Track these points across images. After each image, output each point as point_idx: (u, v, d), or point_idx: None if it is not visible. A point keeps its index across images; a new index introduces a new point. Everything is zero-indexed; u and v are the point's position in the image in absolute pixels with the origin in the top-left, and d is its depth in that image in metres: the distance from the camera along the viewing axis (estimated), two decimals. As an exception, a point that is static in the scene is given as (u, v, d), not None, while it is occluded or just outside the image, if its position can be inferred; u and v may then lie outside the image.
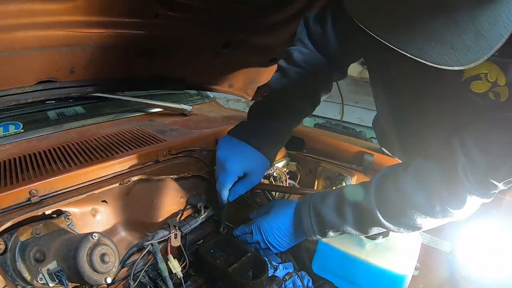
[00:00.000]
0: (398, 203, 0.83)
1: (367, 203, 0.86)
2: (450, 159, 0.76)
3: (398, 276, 0.96)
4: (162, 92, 1.86)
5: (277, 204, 1.08)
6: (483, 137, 0.71)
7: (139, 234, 1.01)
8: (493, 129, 0.70)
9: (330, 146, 1.46)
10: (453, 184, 0.76)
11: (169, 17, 1.18)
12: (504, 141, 0.69)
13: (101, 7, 1.01)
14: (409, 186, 0.81)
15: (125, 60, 1.29)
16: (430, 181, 0.80)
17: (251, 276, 0.98)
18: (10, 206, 0.82)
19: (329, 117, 3.80)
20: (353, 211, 0.89)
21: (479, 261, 1.05)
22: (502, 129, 0.69)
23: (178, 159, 1.16)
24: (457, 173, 0.74)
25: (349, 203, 0.90)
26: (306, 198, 1.01)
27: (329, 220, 0.92)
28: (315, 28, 1.00)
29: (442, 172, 0.78)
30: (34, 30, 0.95)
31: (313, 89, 1.05)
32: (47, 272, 0.72)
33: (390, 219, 0.85)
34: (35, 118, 1.39)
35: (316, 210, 0.95)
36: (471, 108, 0.74)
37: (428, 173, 0.80)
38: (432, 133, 0.93)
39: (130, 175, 1.01)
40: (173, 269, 0.92)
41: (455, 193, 0.77)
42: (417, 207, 0.81)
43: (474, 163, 0.72)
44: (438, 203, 0.78)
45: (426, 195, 0.79)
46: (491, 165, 0.71)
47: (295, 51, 1.01)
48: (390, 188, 0.85)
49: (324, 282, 1.08)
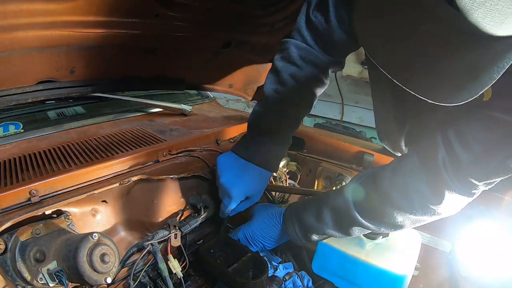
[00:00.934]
0: (376, 201, 0.83)
1: (344, 204, 0.87)
2: (430, 151, 0.76)
3: (398, 276, 0.96)
4: (162, 92, 1.86)
5: (258, 212, 1.09)
6: (465, 134, 0.71)
7: (139, 234, 1.01)
8: (476, 127, 0.70)
9: (330, 146, 1.46)
10: (432, 177, 0.76)
11: (169, 17, 1.18)
12: (487, 140, 0.69)
13: (101, 7, 1.01)
14: (386, 183, 0.81)
15: (125, 60, 1.29)
16: (408, 176, 0.79)
17: (251, 276, 0.98)
18: (10, 206, 0.82)
19: (329, 117, 3.79)
20: (332, 213, 0.91)
21: (479, 261, 1.04)
22: (485, 128, 0.69)
23: (178, 159, 1.16)
24: (437, 166, 0.74)
25: (327, 206, 0.92)
26: (289, 208, 1.03)
27: (310, 225, 0.95)
28: (316, 16, 0.96)
29: (422, 165, 0.78)
30: (34, 30, 0.95)
31: (310, 91, 1.03)
32: (47, 272, 0.72)
33: (369, 218, 0.86)
34: (35, 118, 1.39)
35: (298, 217, 0.98)
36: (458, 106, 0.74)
37: (406, 168, 0.81)
38: (422, 128, 0.94)
39: (130, 175, 1.01)
40: (173, 269, 0.92)
41: (433, 188, 0.76)
42: (395, 204, 0.80)
43: (454, 155, 0.72)
44: (416, 198, 0.78)
45: (404, 191, 0.79)
46: (472, 163, 0.71)
47: (292, 46, 0.98)
48: (367, 187, 0.85)
49: (324, 282, 1.08)
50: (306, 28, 0.98)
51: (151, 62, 1.37)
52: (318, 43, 0.99)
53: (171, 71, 1.48)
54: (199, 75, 1.62)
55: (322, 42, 0.98)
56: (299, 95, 1.02)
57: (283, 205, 1.34)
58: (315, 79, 1.02)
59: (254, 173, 1.00)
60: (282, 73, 0.99)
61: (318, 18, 0.95)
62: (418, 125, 1.03)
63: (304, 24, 0.98)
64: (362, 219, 0.86)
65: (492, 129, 0.68)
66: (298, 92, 1.01)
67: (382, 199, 0.82)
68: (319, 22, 0.95)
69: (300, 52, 0.98)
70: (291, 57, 0.98)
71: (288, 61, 0.99)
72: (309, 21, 0.97)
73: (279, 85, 1.00)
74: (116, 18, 1.08)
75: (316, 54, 0.99)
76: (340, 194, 0.91)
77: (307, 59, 0.98)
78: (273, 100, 1.01)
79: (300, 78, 0.98)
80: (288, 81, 0.99)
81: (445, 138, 0.74)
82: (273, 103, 1.01)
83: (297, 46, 0.98)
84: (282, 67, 1.00)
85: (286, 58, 1.00)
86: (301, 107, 1.05)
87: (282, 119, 1.02)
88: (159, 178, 1.01)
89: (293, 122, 1.06)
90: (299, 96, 1.02)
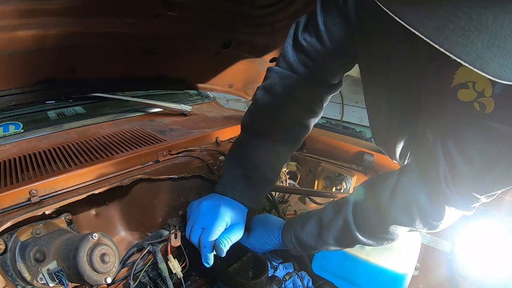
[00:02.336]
0: (377, 220, 0.81)
1: (346, 225, 0.85)
2: (431, 165, 0.73)
3: (398, 276, 0.96)
4: (162, 92, 1.86)
5: (256, 226, 1.04)
6: (466, 146, 0.68)
7: (139, 234, 1.01)
8: (477, 139, 0.66)
9: (330, 146, 1.46)
10: (433, 191, 0.73)
11: (169, 17, 1.18)
12: (488, 152, 0.65)
13: (101, 7, 1.01)
14: (386, 202, 0.79)
15: (125, 60, 1.29)
16: (409, 192, 0.76)
17: (251, 276, 0.98)
18: (10, 206, 0.82)
19: (329, 117, 3.79)
20: (333, 235, 0.89)
21: (479, 261, 1.05)
22: (487, 140, 0.65)
23: (178, 159, 1.16)
24: (439, 180, 0.71)
25: (328, 229, 0.89)
26: (286, 227, 0.98)
27: (312, 245, 0.93)
28: (305, 38, 0.86)
29: (423, 180, 0.75)
30: (34, 30, 0.95)
31: (294, 125, 0.95)
32: (47, 272, 0.72)
33: (371, 237, 0.84)
34: (35, 118, 1.39)
35: (298, 238, 0.95)
36: (456, 116, 0.70)
37: (407, 182, 0.77)
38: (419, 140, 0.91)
39: (130, 175, 1.01)
40: (173, 269, 0.91)
41: (434, 202, 0.74)
42: (396, 221, 0.79)
43: (455, 169, 0.69)
44: (417, 213, 0.76)
45: (405, 208, 0.77)
46: (474, 177, 0.68)
47: (274, 75, 0.90)
48: (368, 206, 0.83)
49: (324, 282, 1.08)
50: (293, 53, 0.89)
51: (151, 62, 1.37)
52: (309, 69, 0.89)
53: (171, 71, 1.48)
54: (199, 75, 1.62)
55: (314, 67, 0.89)
56: (281, 131, 0.93)
57: (282, 205, 1.35)
58: (302, 111, 0.94)
59: (229, 204, 0.91)
60: (259, 105, 0.92)
61: (307, 41, 0.86)
62: (414, 136, 1.00)
63: (291, 49, 0.89)
64: (365, 239, 0.85)
65: (494, 141, 0.64)
66: (279, 127, 0.92)
67: (384, 218, 0.80)
68: (309, 44, 0.86)
69: (284, 81, 0.89)
70: (272, 88, 0.90)
71: (268, 92, 0.91)
72: (297, 44, 0.88)
73: (257, 117, 0.93)
74: (116, 18, 1.08)
75: (303, 82, 0.90)
76: (340, 214, 0.87)
77: (293, 89, 0.89)
78: (251, 137, 0.92)
79: (280, 111, 0.90)
80: (266, 114, 0.91)
81: (446, 151, 0.71)
82: (251, 138, 0.92)
83: (281, 75, 0.90)
84: (261, 99, 0.92)
85: (267, 89, 0.92)
86: (285, 143, 0.95)
87: (259, 158, 0.92)
88: (159, 178, 1.01)
89: (275, 161, 0.96)
90: (280, 132, 0.93)
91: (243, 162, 0.94)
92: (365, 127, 3.54)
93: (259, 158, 0.93)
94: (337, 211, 0.88)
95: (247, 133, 0.97)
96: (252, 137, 0.95)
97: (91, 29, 1.06)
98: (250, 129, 0.96)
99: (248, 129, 0.97)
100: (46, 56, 1.06)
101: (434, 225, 0.77)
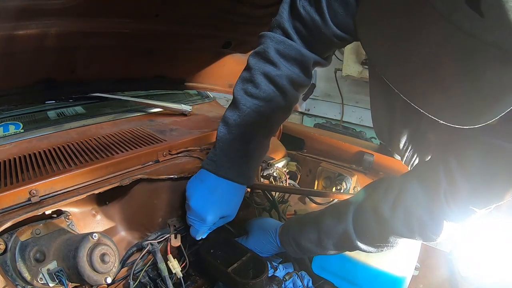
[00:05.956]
0: (378, 232, 0.82)
1: (346, 234, 0.85)
2: (433, 182, 0.73)
3: (398, 278, 0.96)
4: (162, 92, 1.86)
5: (253, 229, 1.06)
6: (467, 163, 0.68)
7: (139, 234, 1.01)
8: (478, 156, 0.66)
9: (330, 146, 1.46)
10: (434, 206, 0.74)
11: (169, 17, 1.18)
12: (489, 168, 0.65)
13: (101, 7, 1.01)
14: (388, 214, 0.79)
15: (125, 60, 1.29)
16: (410, 206, 0.77)
17: (251, 276, 0.98)
18: (10, 206, 0.82)
19: (329, 117, 3.79)
20: (333, 241, 0.89)
21: (479, 261, 1.04)
22: (488, 156, 0.65)
23: (178, 159, 1.16)
24: (439, 197, 0.71)
25: (327, 236, 0.89)
26: (283, 231, 0.98)
27: (312, 250, 0.94)
28: (304, 7, 0.83)
29: (424, 195, 0.75)
30: (34, 30, 0.95)
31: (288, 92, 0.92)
32: (47, 272, 0.72)
33: (371, 245, 0.85)
34: (35, 118, 1.39)
35: (297, 242, 0.95)
36: (458, 129, 0.72)
37: (409, 200, 0.77)
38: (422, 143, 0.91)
39: (130, 175, 1.01)
40: (173, 269, 0.92)
41: (434, 218, 0.74)
42: (397, 232, 0.80)
43: (455, 186, 0.69)
44: (417, 227, 0.76)
45: (406, 221, 0.77)
46: (474, 192, 0.68)
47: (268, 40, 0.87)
48: (369, 218, 0.83)
49: (324, 282, 1.08)
50: (289, 20, 0.86)
51: (151, 62, 1.37)
52: (302, 38, 0.87)
53: (171, 71, 1.48)
54: (199, 75, 1.62)
55: (308, 36, 0.86)
56: (274, 97, 0.90)
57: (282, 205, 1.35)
58: (295, 78, 0.90)
59: (227, 190, 0.90)
60: (254, 71, 0.88)
61: (306, 9, 0.82)
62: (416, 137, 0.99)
63: (288, 15, 0.86)
64: (365, 246, 0.85)
65: (495, 157, 0.64)
66: (274, 93, 0.89)
67: (384, 229, 0.81)
68: (308, 13, 0.82)
69: (278, 46, 0.86)
70: (266, 53, 0.87)
71: (262, 57, 0.88)
72: (295, 11, 0.84)
73: (250, 85, 0.89)
74: (116, 18, 1.08)
75: (298, 48, 0.87)
76: (340, 223, 0.86)
77: (287, 54, 0.87)
78: (244, 103, 0.89)
79: (276, 78, 0.87)
80: (261, 81, 0.88)
81: (447, 167, 0.71)
82: (244, 106, 0.89)
83: (275, 40, 0.87)
84: (254, 64, 0.89)
85: (261, 54, 0.88)
86: (278, 111, 0.92)
87: (255, 126, 0.89)
88: (159, 178, 1.01)
89: (269, 128, 0.95)
90: (274, 98, 0.90)
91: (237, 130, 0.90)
92: (365, 127, 3.54)
93: (257, 127, 0.91)
94: (336, 220, 0.88)
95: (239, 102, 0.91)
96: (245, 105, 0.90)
97: (91, 29, 1.06)
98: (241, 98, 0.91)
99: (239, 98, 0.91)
100: (46, 56, 1.06)
101: (432, 238, 0.78)
